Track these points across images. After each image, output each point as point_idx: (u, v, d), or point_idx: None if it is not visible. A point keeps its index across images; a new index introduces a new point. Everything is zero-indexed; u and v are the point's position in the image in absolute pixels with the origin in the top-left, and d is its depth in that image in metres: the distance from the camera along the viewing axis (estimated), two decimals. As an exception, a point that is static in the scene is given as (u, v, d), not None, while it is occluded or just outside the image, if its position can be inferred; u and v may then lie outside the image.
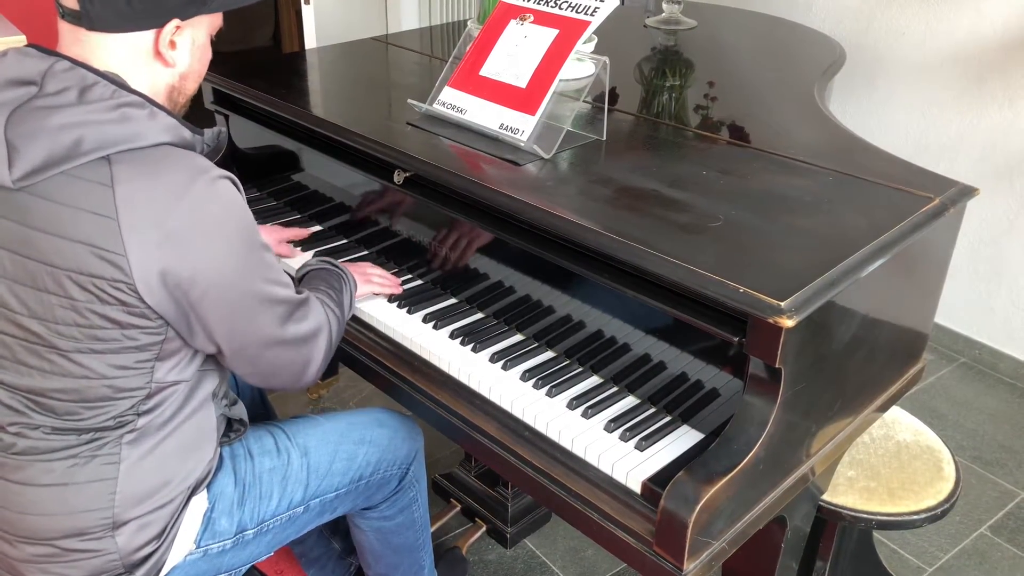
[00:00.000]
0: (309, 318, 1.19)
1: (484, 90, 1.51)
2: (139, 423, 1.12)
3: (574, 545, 2.00)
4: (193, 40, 1.13)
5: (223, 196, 1.06)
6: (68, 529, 1.11)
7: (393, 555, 1.55)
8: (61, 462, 1.10)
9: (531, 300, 1.36)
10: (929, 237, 1.26)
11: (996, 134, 2.53)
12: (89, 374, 1.07)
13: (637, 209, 1.26)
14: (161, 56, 1.09)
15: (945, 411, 2.52)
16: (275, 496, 1.30)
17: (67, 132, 0.99)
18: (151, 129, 1.03)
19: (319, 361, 1.22)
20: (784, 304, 1.00)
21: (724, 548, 1.08)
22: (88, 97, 1.01)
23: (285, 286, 1.15)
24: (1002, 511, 2.15)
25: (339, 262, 1.43)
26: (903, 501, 1.43)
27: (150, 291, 1.02)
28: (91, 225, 0.99)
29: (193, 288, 1.04)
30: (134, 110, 1.03)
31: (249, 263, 1.09)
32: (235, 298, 1.08)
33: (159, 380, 1.11)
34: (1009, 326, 2.66)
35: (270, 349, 1.15)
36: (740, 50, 2.31)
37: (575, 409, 1.23)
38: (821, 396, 1.17)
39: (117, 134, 1.00)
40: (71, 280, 1.02)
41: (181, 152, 1.05)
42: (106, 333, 1.04)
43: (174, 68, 1.12)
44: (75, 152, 0.99)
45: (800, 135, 1.61)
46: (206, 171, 1.05)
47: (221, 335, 1.10)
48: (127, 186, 1.00)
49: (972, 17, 2.48)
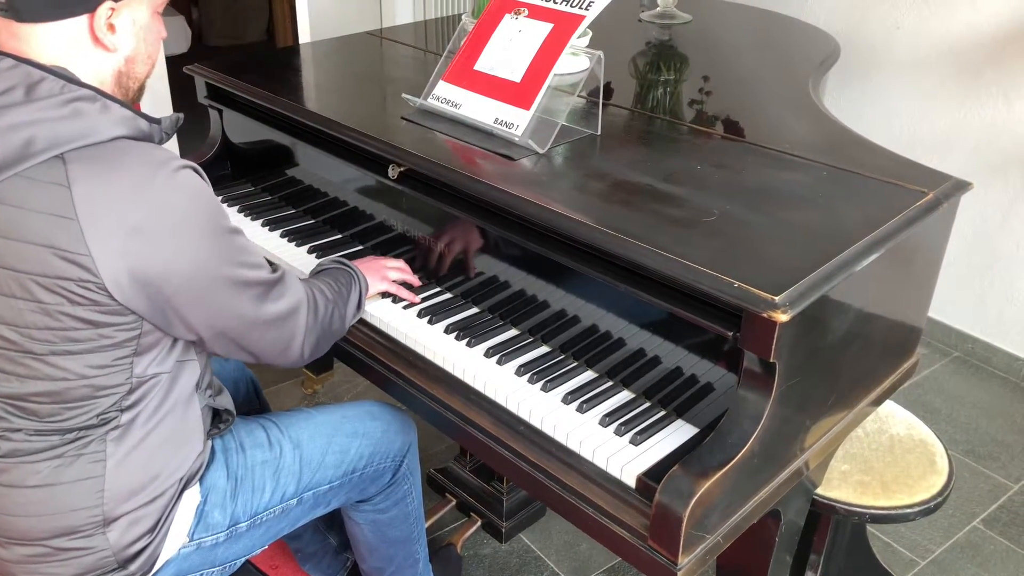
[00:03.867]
0: (287, 295, 1.17)
1: (479, 85, 1.50)
2: (123, 419, 1.11)
3: (569, 540, 2.01)
4: (134, 20, 1.07)
5: (186, 186, 1.03)
6: (58, 529, 1.11)
7: (388, 548, 1.56)
8: (47, 463, 1.09)
9: (526, 295, 1.36)
10: (923, 231, 1.26)
11: (990, 128, 2.53)
12: (68, 375, 1.05)
13: (631, 204, 1.26)
14: (100, 42, 1.04)
15: (938, 405, 2.53)
16: (268, 489, 1.30)
17: (17, 132, 0.95)
18: (105, 123, 0.99)
19: (301, 336, 1.20)
20: (778, 299, 1.01)
21: (719, 542, 1.09)
22: (36, 94, 0.97)
23: (258, 267, 1.13)
24: (995, 504, 2.16)
25: (355, 263, 1.42)
26: (896, 495, 1.44)
27: (120, 289, 1.00)
28: (51, 227, 0.96)
29: (166, 283, 1.02)
30: (85, 104, 0.99)
31: (218, 250, 1.07)
32: (209, 286, 1.07)
33: (139, 375, 1.10)
34: (1002, 320, 2.67)
35: (250, 330, 1.14)
36: (735, 45, 2.31)
37: (570, 404, 1.23)
38: (815, 390, 1.17)
39: (70, 131, 0.97)
40: (36, 284, 0.99)
41: (138, 145, 1.02)
42: (80, 334, 1.02)
43: (117, 53, 1.06)
44: (27, 153, 0.95)
45: (794, 129, 1.61)
46: (166, 163, 1.02)
47: (199, 323, 1.09)
48: (85, 185, 0.96)
49: (966, 11, 2.49)
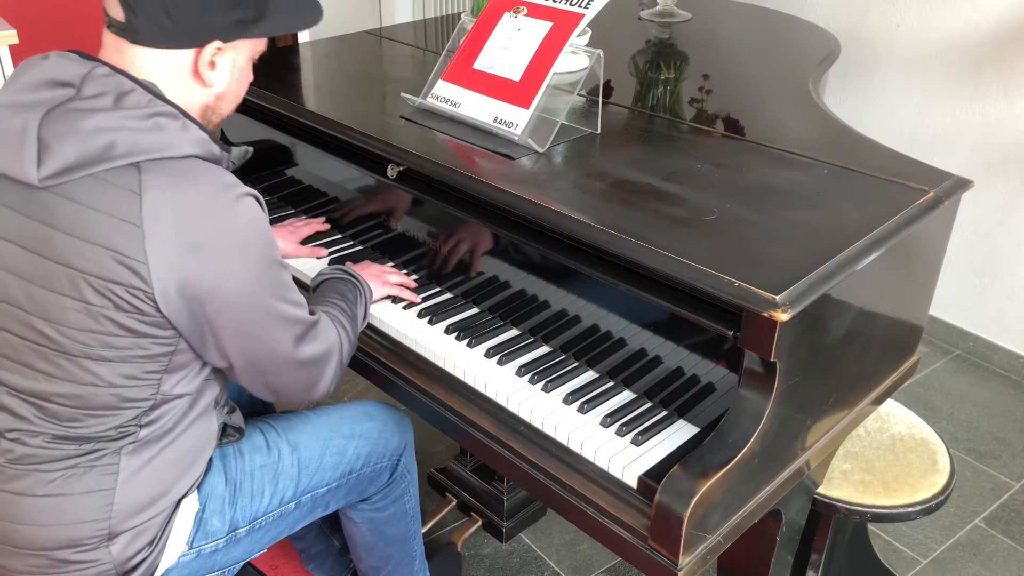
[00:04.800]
0: (319, 338, 1.18)
1: (478, 83, 1.50)
2: (140, 434, 1.12)
3: (569, 539, 2.01)
4: (234, 62, 1.14)
5: (246, 213, 1.06)
6: (63, 540, 1.11)
7: (385, 546, 1.56)
8: (59, 473, 1.09)
9: (526, 295, 1.36)
10: (924, 230, 1.26)
11: (990, 126, 2.53)
12: (96, 381, 1.06)
13: (631, 203, 1.25)
14: (199, 75, 1.10)
15: (939, 404, 2.53)
16: (267, 493, 1.30)
17: (100, 135, 0.99)
18: (182, 141, 1.04)
19: (328, 381, 1.22)
20: (779, 298, 1.00)
21: (719, 542, 1.09)
22: (124, 103, 1.02)
23: (299, 306, 1.16)
24: (996, 503, 2.16)
25: (354, 268, 1.42)
26: (898, 494, 1.44)
27: (167, 301, 1.02)
28: (115, 230, 1.00)
29: (211, 301, 1.04)
30: (167, 120, 1.03)
31: (266, 279, 1.10)
32: (250, 314, 1.09)
33: (165, 392, 1.11)
34: (1003, 318, 2.66)
35: (280, 367, 1.15)
36: (735, 43, 2.31)
37: (571, 404, 1.22)
38: (816, 390, 1.17)
39: (149, 142, 1.01)
40: (88, 284, 1.01)
41: (208, 166, 1.06)
42: (118, 340, 1.04)
43: (211, 88, 1.13)
44: (106, 155, 0.99)
45: (795, 128, 1.60)
46: (232, 187, 1.06)
47: (233, 350, 1.10)
48: (155, 194, 1.00)
49: (967, 9, 2.48)
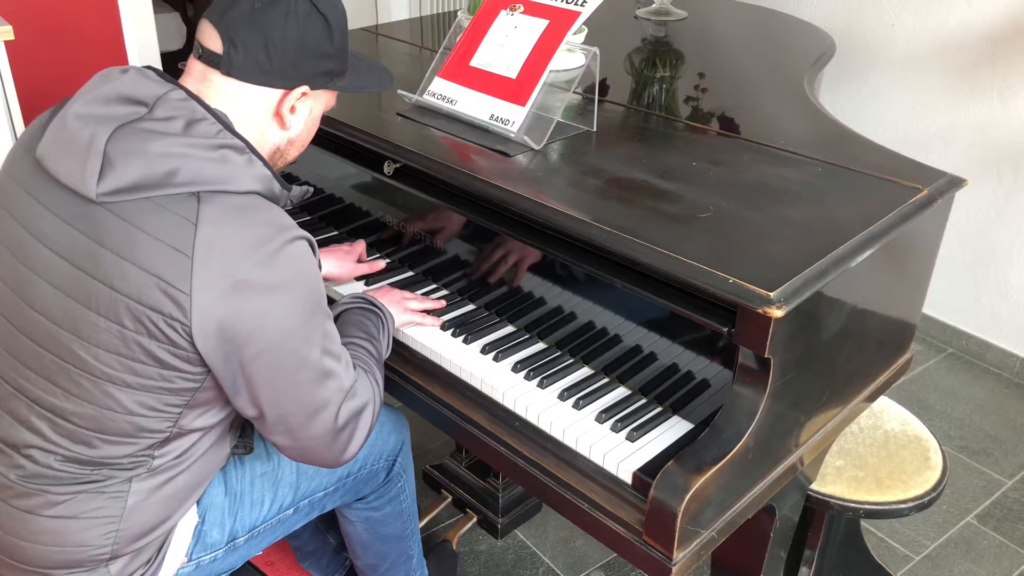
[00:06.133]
0: (357, 396, 1.13)
1: (474, 81, 1.50)
2: (153, 464, 1.10)
3: (564, 535, 2.01)
4: (311, 110, 1.15)
5: (299, 258, 1.04)
6: (64, 561, 1.10)
7: (382, 545, 1.56)
8: (67, 497, 1.08)
9: (522, 291, 1.37)
10: (917, 228, 1.26)
11: (984, 125, 2.54)
12: (114, 406, 1.04)
13: (627, 200, 1.26)
14: (280, 117, 1.11)
15: (932, 401, 2.54)
16: (266, 501, 1.29)
17: (165, 160, 0.98)
18: (246, 176, 1.02)
19: (360, 439, 1.14)
20: (773, 294, 1.01)
21: (713, 537, 1.09)
22: (193, 131, 1.01)
23: (339, 359, 1.10)
24: (988, 500, 2.17)
25: (374, 295, 1.36)
26: (891, 490, 1.44)
27: (204, 338, 0.99)
28: (164, 257, 0.97)
29: (249, 344, 1.01)
30: (234, 154, 1.02)
31: (309, 330, 1.05)
32: (288, 363, 1.04)
33: (182, 426, 1.09)
34: (996, 316, 2.68)
35: (313, 422, 1.09)
36: (730, 41, 2.32)
37: (566, 400, 1.23)
38: (810, 386, 1.18)
39: (212, 173, 1.00)
40: (126, 307, 0.99)
41: (267, 204, 1.05)
42: (144, 369, 1.02)
43: (287, 132, 1.14)
44: (168, 181, 0.98)
45: (790, 126, 1.61)
46: (288, 229, 1.03)
47: (266, 398, 1.05)
48: (210, 228, 0.98)
49: (962, 9, 2.49)
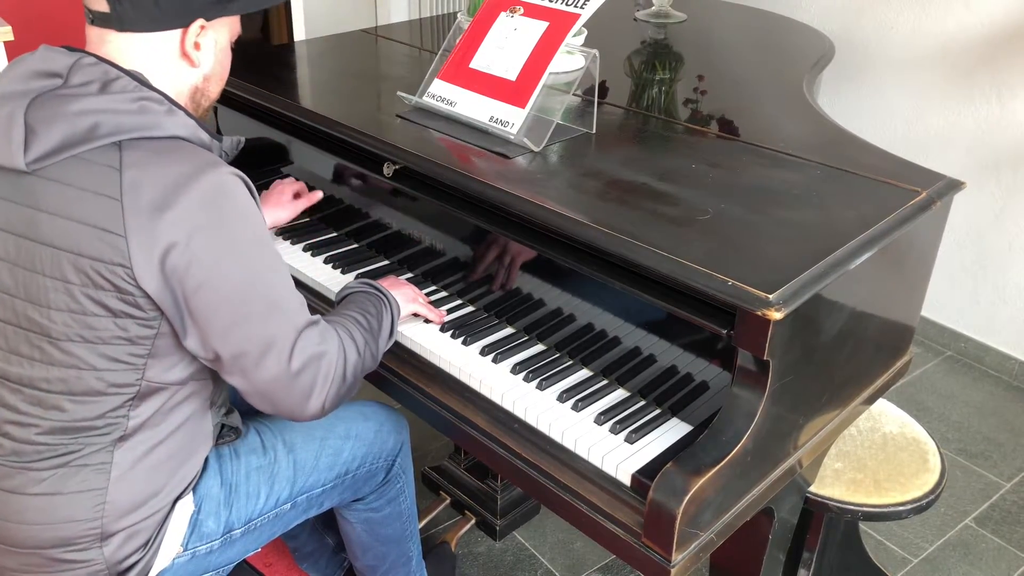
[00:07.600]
0: (314, 339, 1.11)
1: (474, 83, 1.51)
2: (129, 425, 1.10)
3: (563, 537, 2.01)
4: (215, 42, 1.15)
5: (231, 191, 1.05)
6: (54, 539, 1.10)
7: (381, 546, 1.56)
8: (51, 472, 1.09)
9: (521, 293, 1.37)
10: (916, 230, 1.26)
11: (983, 128, 2.54)
12: (79, 364, 1.06)
13: (626, 202, 1.26)
14: (187, 56, 1.12)
15: (931, 404, 2.54)
16: (262, 495, 1.29)
17: (85, 117, 1.01)
18: (167, 123, 1.05)
19: (326, 391, 1.12)
20: (772, 297, 1.01)
21: (712, 539, 1.09)
22: (110, 89, 1.04)
23: (292, 295, 1.11)
24: (987, 503, 2.17)
25: (382, 283, 1.35)
26: (889, 493, 1.45)
27: (147, 277, 1.01)
28: (95, 206, 1.00)
29: (188, 277, 1.02)
30: (153, 104, 1.05)
31: (249, 260, 1.06)
32: (232, 295, 1.04)
33: (150, 379, 1.09)
34: (994, 319, 2.68)
35: (269, 362, 1.07)
36: (730, 44, 2.32)
37: (565, 402, 1.23)
38: (808, 388, 1.18)
39: (133, 122, 1.03)
40: (70, 263, 1.02)
41: (193, 147, 1.07)
42: (98, 321, 1.04)
43: (199, 69, 1.14)
44: (90, 136, 1.01)
45: (789, 129, 1.61)
46: (216, 164, 1.05)
47: (214, 335, 1.05)
48: (134, 171, 1.01)
49: (960, 12, 2.50)
